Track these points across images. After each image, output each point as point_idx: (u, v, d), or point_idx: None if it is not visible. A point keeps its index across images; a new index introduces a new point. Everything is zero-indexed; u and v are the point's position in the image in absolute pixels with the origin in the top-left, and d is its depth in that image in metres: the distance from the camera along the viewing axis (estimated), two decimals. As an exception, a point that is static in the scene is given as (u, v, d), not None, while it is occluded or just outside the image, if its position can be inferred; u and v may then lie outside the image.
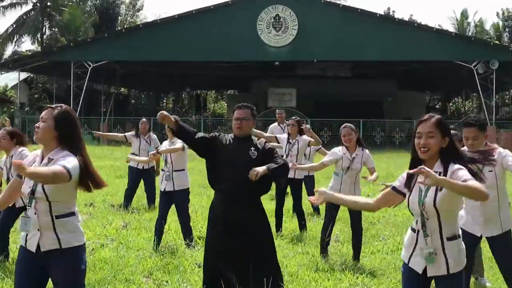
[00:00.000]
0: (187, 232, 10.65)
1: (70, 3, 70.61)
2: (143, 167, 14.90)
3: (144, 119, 15.73)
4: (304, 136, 12.45)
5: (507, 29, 78.05)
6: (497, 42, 63.52)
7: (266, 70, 48.12)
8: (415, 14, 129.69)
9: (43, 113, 4.97)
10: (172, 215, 11.47)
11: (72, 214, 4.97)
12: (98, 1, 76.90)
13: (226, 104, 70.55)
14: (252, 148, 7.45)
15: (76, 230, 4.97)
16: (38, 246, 4.79)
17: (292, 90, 49.51)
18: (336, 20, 41.06)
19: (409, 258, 5.03)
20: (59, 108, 5.02)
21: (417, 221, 4.97)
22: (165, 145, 10.90)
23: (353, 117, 37.97)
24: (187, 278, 8.17)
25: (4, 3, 75.25)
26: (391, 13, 76.48)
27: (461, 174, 4.70)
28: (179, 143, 10.16)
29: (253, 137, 7.82)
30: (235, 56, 42.71)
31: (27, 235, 4.83)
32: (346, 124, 10.14)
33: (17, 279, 4.90)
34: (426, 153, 4.91)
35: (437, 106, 70.89)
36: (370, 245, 10.65)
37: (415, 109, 52.70)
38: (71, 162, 4.70)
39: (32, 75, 52.92)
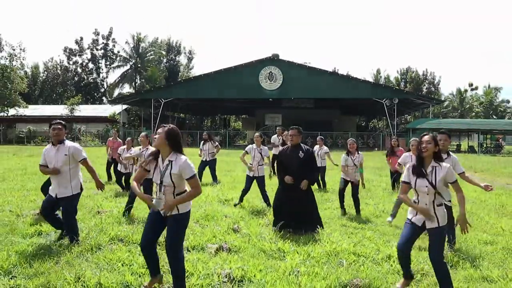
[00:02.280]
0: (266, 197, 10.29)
1: (151, 65, 70.82)
2: (206, 159, 14.64)
3: (205, 132, 15.22)
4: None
5: (402, 80, 78.28)
6: (397, 87, 63.53)
7: (264, 103, 48.04)
8: (350, 71, 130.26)
9: (159, 130, 4.77)
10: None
11: (185, 191, 4.79)
12: (167, 63, 77.13)
13: (241, 123, 70.29)
14: (300, 151, 7.87)
15: (187, 203, 4.83)
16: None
17: (279, 115, 49.49)
18: (305, 74, 40.99)
19: (412, 217, 5.10)
20: (168, 127, 4.81)
21: (417, 196, 5.06)
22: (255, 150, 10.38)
23: (315, 131, 38.29)
24: (218, 223, 8.16)
25: (113, 65, 75.67)
26: (336, 70, 76.48)
27: (451, 174, 4.98)
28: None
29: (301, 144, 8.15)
30: (246, 95, 42.60)
31: None
32: (351, 138, 10.25)
33: (147, 221, 4.85)
34: (426, 153, 4.95)
35: (363, 124, 70.63)
36: (324, 204, 10.61)
37: (351, 126, 52.81)
38: (192, 167, 4.70)
39: (129, 106, 52.91)
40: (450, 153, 6.85)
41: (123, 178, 12.43)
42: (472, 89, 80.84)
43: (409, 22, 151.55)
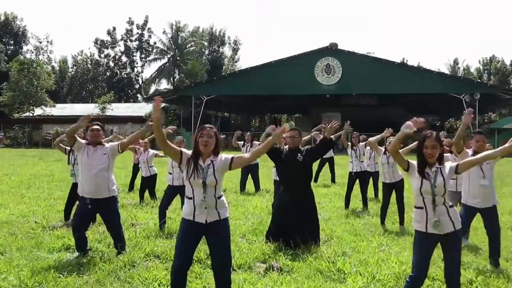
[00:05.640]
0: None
1: (192, 58, 71.65)
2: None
3: (248, 133, 15.31)
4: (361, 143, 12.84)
5: (485, 71, 76.33)
6: (479, 80, 61.93)
7: (320, 100, 47.80)
8: (422, 62, 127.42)
9: (210, 132, 4.96)
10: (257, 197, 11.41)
11: (223, 195, 5.04)
12: (210, 56, 77.86)
13: (294, 123, 70.17)
14: (299, 154, 7.86)
15: (226, 206, 5.05)
16: (205, 219, 4.86)
17: (338, 114, 49.02)
18: (368, 67, 40.43)
19: (426, 227, 4.92)
20: (214, 128, 5.06)
21: (423, 199, 4.89)
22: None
23: (378, 132, 37.60)
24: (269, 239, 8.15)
25: (149, 58, 77.14)
26: (405, 61, 75.23)
27: (453, 164, 4.97)
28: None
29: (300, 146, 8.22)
30: (299, 91, 42.43)
31: (194, 211, 4.86)
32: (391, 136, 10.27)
33: (182, 238, 4.92)
34: (432, 159, 4.87)
35: (437, 124, 69.06)
36: (392, 218, 10.44)
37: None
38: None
39: (167, 105, 53.70)
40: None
41: (145, 187, 12.61)
42: None
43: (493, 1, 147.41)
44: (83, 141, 7.13)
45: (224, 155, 5.01)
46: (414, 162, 5.04)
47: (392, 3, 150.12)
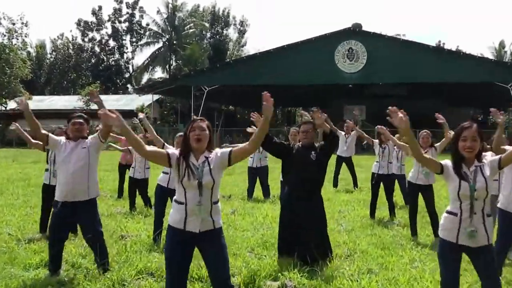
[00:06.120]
0: None
1: (191, 41, 71.61)
2: (256, 165, 14.36)
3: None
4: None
5: (538, 55, 75.67)
6: (529, 66, 61.59)
7: (342, 90, 47.67)
8: (461, 45, 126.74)
9: (201, 124, 4.93)
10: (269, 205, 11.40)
11: (218, 200, 5.01)
12: (212, 39, 77.81)
13: (310, 118, 69.95)
14: (313, 152, 7.80)
15: (220, 213, 5.05)
16: (199, 229, 4.84)
17: (362, 106, 48.98)
18: (397, 51, 40.21)
19: (457, 238, 4.90)
20: (206, 120, 5.03)
21: (460, 205, 4.85)
22: None
23: (412, 127, 37.30)
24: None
25: (141, 42, 77.24)
26: (441, 44, 74.76)
27: (495, 157, 5.00)
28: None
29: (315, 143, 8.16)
30: (317, 80, 42.21)
31: (186, 219, 4.81)
32: (425, 131, 10.70)
33: (170, 253, 4.92)
34: (471, 153, 4.81)
35: (480, 119, 68.67)
36: (426, 229, 10.40)
37: (461, 121, 51.17)
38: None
39: (162, 97, 53.77)
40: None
41: (136, 191, 12.59)
42: None
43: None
44: (59, 138, 7.10)
45: (220, 150, 4.99)
46: (447, 161, 5.01)
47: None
